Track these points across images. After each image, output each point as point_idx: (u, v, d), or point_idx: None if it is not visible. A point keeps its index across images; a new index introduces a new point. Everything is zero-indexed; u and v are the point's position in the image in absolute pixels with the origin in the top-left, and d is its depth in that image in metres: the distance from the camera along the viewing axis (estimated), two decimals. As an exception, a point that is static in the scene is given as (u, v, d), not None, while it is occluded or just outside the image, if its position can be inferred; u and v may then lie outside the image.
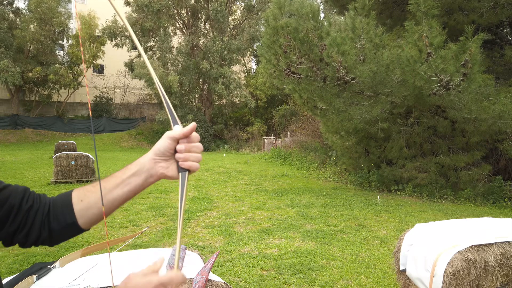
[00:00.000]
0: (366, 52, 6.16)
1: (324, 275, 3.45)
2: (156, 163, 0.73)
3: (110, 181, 0.76)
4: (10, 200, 0.71)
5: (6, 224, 0.70)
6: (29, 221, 0.73)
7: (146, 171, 0.73)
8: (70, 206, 0.75)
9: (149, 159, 0.73)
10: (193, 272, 1.83)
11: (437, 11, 5.41)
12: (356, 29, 6.15)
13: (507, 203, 6.86)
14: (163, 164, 0.73)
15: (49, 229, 0.74)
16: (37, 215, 0.73)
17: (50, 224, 0.74)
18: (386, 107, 6.84)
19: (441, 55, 5.41)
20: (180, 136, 0.70)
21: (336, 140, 9.72)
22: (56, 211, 0.75)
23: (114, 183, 0.75)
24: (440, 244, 2.26)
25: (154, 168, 0.73)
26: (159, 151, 0.72)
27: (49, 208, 0.75)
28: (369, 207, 6.53)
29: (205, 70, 21.16)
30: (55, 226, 0.74)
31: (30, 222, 0.73)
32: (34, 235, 0.73)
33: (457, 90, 5.59)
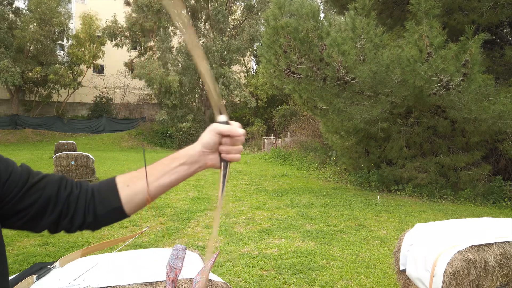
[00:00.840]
0: (366, 52, 6.16)
1: (324, 275, 3.45)
2: (205, 155, 0.78)
3: (157, 168, 0.79)
4: (46, 191, 0.71)
5: (46, 214, 0.71)
6: (71, 207, 0.73)
7: (196, 162, 0.79)
8: (116, 191, 0.76)
9: (198, 151, 0.78)
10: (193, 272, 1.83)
11: (438, 11, 5.41)
12: (356, 29, 6.14)
13: (507, 203, 6.86)
14: (211, 156, 0.79)
15: (94, 214, 0.75)
16: (79, 200, 0.74)
17: (96, 209, 0.75)
18: (386, 107, 6.84)
19: (441, 55, 5.41)
20: (227, 133, 0.75)
21: (336, 140, 9.72)
22: (101, 196, 0.76)
23: (162, 171, 0.78)
24: (440, 244, 2.26)
25: (203, 159, 0.79)
26: (209, 145, 0.77)
27: (93, 193, 0.76)
28: (369, 207, 6.53)
29: (205, 70, 21.17)
30: (100, 211, 0.75)
31: (72, 208, 0.74)
32: (79, 221, 0.74)
33: (457, 90, 5.59)
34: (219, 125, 0.76)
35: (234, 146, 0.77)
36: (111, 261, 1.88)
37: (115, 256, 1.99)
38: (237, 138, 0.76)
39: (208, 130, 0.77)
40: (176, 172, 0.78)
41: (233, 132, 0.75)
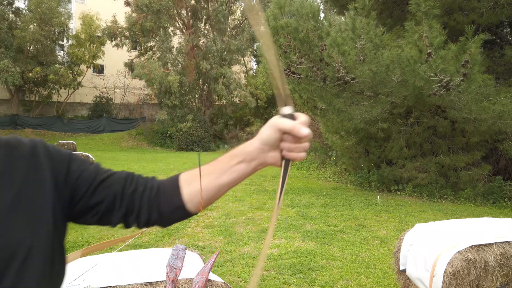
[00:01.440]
0: (366, 52, 6.16)
1: (324, 275, 3.45)
2: (265, 152, 0.71)
3: (217, 167, 0.76)
4: (112, 188, 0.73)
5: (114, 210, 0.74)
6: (136, 204, 0.74)
7: (255, 159, 0.73)
8: (178, 189, 0.76)
9: (256, 148, 0.72)
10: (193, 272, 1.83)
11: (438, 11, 5.41)
12: (356, 29, 6.14)
13: (507, 203, 6.86)
14: (272, 153, 0.71)
15: (158, 211, 0.75)
16: (143, 198, 0.75)
17: (160, 206, 0.75)
18: (386, 107, 6.84)
19: (441, 55, 5.41)
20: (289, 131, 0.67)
21: (336, 140, 9.73)
22: (166, 194, 0.76)
23: (222, 169, 0.75)
24: (440, 244, 2.26)
25: (262, 157, 0.72)
26: (268, 142, 0.70)
27: (158, 190, 0.76)
28: (369, 207, 6.53)
29: (205, 71, 21.17)
30: (164, 208, 0.75)
31: (137, 205, 0.74)
32: (144, 217, 0.75)
33: (457, 90, 5.59)
34: (281, 120, 0.68)
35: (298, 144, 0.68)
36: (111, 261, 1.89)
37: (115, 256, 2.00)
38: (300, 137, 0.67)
39: (268, 125, 0.70)
40: (235, 171, 0.74)
41: (294, 131, 0.66)
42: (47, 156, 0.70)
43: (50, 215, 0.66)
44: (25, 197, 0.64)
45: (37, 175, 0.67)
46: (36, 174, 0.67)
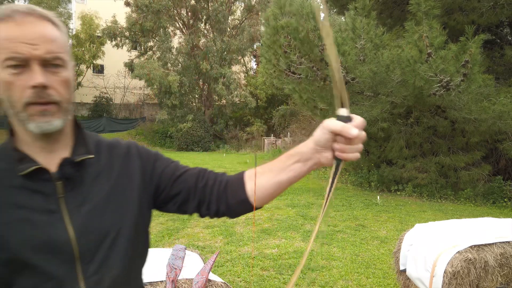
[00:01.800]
0: (366, 52, 6.16)
1: (324, 275, 3.45)
2: (318, 152, 0.74)
3: (276, 165, 0.81)
4: (187, 182, 0.85)
5: (189, 201, 0.85)
6: (206, 196, 0.84)
7: (309, 159, 0.76)
8: (243, 184, 0.83)
9: (311, 148, 0.75)
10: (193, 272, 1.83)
11: (438, 11, 5.40)
12: (356, 29, 6.14)
13: (507, 203, 6.86)
14: (325, 153, 0.74)
15: (226, 203, 0.84)
16: (212, 191, 0.84)
17: (227, 199, 0.84)
18: (386, 107, 6.84)
19: (441, 55, 5.41)
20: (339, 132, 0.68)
21: (336, 140, 9.72)
22: (233, 188, 0.84)
23: (280, 168, 0.79)
24: (440, 244, 2.26)
25: (316, 157, 0.75)
26: (320, 142, 0.73)
27: (226, 184, 0.85)
28: (369, 207, 6.53)
29: (205, 71, 21.16)
30: (231, 201, 0.84)
31: (207, 197, 0.84)
32: (214, 208, 0.85)
33: (457, 90, 5.59)
34: (331, 121, 0.69)
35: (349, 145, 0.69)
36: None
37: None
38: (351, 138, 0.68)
39: (321, 126, 0.72)
40: (292, 170, 0.78)
41: (344, 132, 0.67)
42: (138, 155, 0.86)
43: (136, 204, 0.81)
44: (118, 189, 0.80)
45: (128, 171, 0.83)
46: (128, 170, 0.83)
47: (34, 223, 0.70)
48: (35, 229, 0.70)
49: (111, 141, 0.88)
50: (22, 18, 0.67)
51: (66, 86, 0.72)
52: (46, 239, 0.70)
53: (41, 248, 0.69)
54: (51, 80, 0.68)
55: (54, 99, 0.69)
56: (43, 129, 0.70)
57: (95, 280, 0.72)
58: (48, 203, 0.72)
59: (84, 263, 0.72)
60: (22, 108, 0.68)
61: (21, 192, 0.71)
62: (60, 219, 0.72)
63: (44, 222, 0.71)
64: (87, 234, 0.73)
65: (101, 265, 0.73)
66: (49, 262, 0.69)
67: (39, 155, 0.74)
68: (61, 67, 0.71)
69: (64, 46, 0.73)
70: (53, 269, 0.69)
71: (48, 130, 0.70)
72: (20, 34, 0.66)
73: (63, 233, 0.71)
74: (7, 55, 0.66)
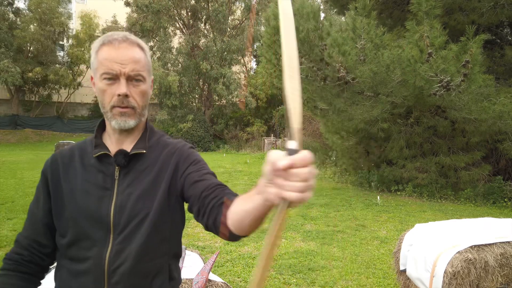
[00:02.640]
0: (367, 52, 6.15)
1: (324, 275, 3.45)
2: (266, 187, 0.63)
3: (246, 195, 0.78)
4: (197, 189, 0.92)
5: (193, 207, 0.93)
6: (203, 207, 0.90)
7: (262, 193, 0.67)
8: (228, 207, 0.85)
9: (262, 181, 0.66)
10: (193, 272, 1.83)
11: (439, 11, 5.40)
12: (357, 29, 6.14)
13: (507, 203, 6.85)
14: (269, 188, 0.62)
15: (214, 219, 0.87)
16: (209, 204, 0.89)
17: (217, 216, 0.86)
18: (386, 107, 6.83)
19: (442, 55, 5.41)
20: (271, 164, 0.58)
21: (336, 140, 9.72)
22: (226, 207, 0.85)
23: (247, 197, 0.76)
24: (440, 244, 2.26)
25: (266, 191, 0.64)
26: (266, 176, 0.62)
27: (222, 203, 0.87)
28: (369, 207, 6.53)
29: (205, 71, 21.16)
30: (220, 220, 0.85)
31: (204, 208, 0.90)
32: (205, 220, 0.90)
33: (458, 90, 5.59)
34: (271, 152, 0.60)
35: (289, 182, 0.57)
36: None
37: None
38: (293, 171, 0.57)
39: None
40: (253, 201, 0.72)
41: (274, 165, 0.57)
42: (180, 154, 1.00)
43: (165, 194, 0.95)
44: (156, 182, 0.96)
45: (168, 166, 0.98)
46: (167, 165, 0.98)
47: (91, 195, 0.94)
48: (90, 199, 0.94)
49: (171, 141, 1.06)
50: (118, 44, 0.92)
51: (142, 96, 0.96)
52: (94, 209, 0.93)
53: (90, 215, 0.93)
54: (132, 91, 0.93)
55: (132, 105, 0.94)
56: (121, 126, 0.94)
57: (118, 248, 0.91)
58: (105, 182, 0.95)
59: (115, 234, 0.92)
60: (109, 109, 0.93)
61: (91, 170, 0.97)
62: (110, 196, 0.94)
63: (98, 196, 0.94)
64: (121, 213, 0.92)
65: (126, 238, 0.92)
66: (92, 226, 0.92)
67: (113, 145, 0.99)
68: (141, 81, 0.95)
69: (146, 65, 0.96)
70: (93, 232, 0.92)
71: (124, 127, 0.95)
72: (115, 56, 0.91)
73: (107, 207, 0.93)
74: (104, 71, 0.91)
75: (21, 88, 23.69)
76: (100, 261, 0.90)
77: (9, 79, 20.14)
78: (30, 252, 0.97)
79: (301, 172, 0.57)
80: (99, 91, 0.94)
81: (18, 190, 7.46)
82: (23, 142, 22.00)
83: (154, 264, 0.95)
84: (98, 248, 0.91)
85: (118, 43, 0.92)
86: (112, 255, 0.91)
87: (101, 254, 0.91)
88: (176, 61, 22.53)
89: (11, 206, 6.05)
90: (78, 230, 0.93)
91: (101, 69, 0.92)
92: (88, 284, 0.91)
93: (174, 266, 1.02)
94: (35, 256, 0.97)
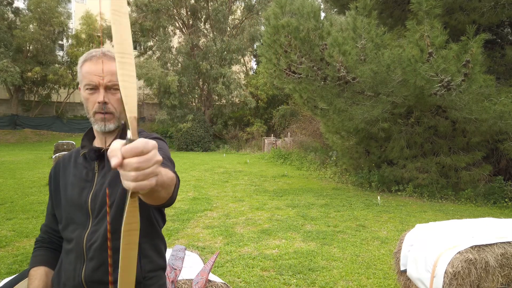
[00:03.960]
0: (367, 52, 6.14)
1: (324, 275, 3.44)
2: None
3: None
4: None
5: None
6: None
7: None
8: None
9: None
10: (193, 272, 1.82)
11: (439, 11, 5.39)
12: (357, 28, 6.13)
13: (507, 203, 6.84)
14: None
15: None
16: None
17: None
18: (387, 107, 6.83)
19: (443, 55, 5.40)
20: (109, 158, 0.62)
21: (336, 140, 9.71)
22: None
23: None
24: (440, 244, 2.25)
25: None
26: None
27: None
28: (370, 208, 6.52)
29: (205, 70, 21.14)
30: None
31: None
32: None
33: (458, 90, 5.58)
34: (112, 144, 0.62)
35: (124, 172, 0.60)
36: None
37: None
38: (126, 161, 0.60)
39: None
40: None
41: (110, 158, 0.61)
42: None
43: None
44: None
45: None
46: None
47: (76, 186, 1.14)
48: (75, 190, 1.14)
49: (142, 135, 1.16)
50: (96, 59, 1.10)
51: (120, 103, 1.09)
52: (77, 198, 1.12)
53: (75, 204, 1.12)
54: (110, 98, 1.10)
55: (110, 110, 1.10)
56: (102, 129, 1.11)
57: (93, 229, 1.09)
58: (88, 175, 1.15)
59: (93, 218, 1.10)
60: (92, 114, 1.11)
61: (79, 166, 1.18)
62: (90, 187, 1.13)
63: (81, 187, 1.13)
64: (96, 200, 1.10)
65: (99, 221, 1.09)
66: (76, 212, 1.12)
67: (98, 145, 1.17)
68: (118, 90, 1.06)
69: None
70: (77, 217, 1.12)
71: (105, 130, 1.11)
72: (94, 69, 1.09)
73: (86, 196, 1.11)
74: (86, 82, 1.10)
75: (20, 88, 23.67)
76: (80, 241, 1.09)
77: (9, 79, 20.12)
78: (48, 236, 1.27)
79: (130, 162, 0.59)
80: (84, 99, 1.12)
81: (18, 190, 7.45)
82: (23, 142, 21.99)
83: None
84: (80, 230, 1.10)
85: (96, 59, 1.10)
86: (89, 235, 1.09)
87: (81, 235, 1.10)
88: (176, 60, 22.52)
89: (11, 206, 6.04)
90: (67, 216, 1.14)
91: (84, 81, 1.10)
92: (73, 260, 1.11)
93: (149, 245, 1.15)
94: (52, 238, 1.26)
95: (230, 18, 23.76)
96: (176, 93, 20.82)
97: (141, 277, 1.11)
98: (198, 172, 11.18)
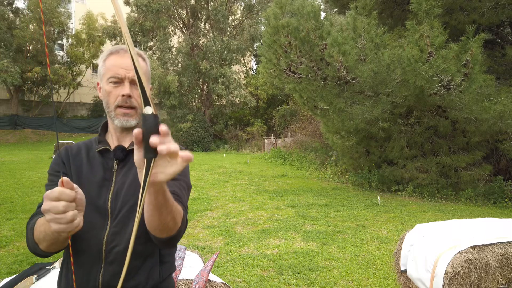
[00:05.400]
0: (367, 52, 6.14)
1: (324, 275, 3.44)
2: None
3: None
4: None
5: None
6: None
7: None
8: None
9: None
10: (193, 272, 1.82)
11: (439, 11, 5.39)
12: (357, 28, 6.13)
13: (507, 203, 6.85)
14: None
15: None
16: None
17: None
18: (387, 107, 6.83)
19: (442, 55, 5.40)
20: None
21: (336, 140, 9.71)
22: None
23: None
24: (440, 244, 2.25)
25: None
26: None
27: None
28: (370, 208, 6.52)
29: (205, 70, 21.13)
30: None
31: None
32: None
33: (458, 90, 5.58)
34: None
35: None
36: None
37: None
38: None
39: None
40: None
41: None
42: None
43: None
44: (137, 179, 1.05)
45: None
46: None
47: (92, 183, 1.07)
48: (91, 187, 1.06)
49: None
50: (123, 53, 1.07)
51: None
52: (94, 196, 1.05)
53: (92, 202, 1.03)
54: (134, 93, 1.05)
55: (134, 105, 1.06)
56: (123, 125, 1.06)
57: (114, 231, 1.03)
58: (105, 173, 1.09)
59: (111, 219, 1.04)
60: (113, 108, 1.06)
61: (94, 162, 1.11)
62: (108, 186, 1.07)
63: (98, 185, 1.07)
64: (117, 200, 1.05)
65: (120, 222, 1.03)
66: (91, 211, 1.02)
67: (114, 142, 1.12)
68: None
69: (146, 73, 1.10)
70: (93, 216, 1.03)
71: (125, 126, 1.07)
72: (121, 63, 1.06)
73: (106, 196, 1.06)
74: (111, 75, 1.05)
75: (20, 88, 23.67)
76: (98, 242, 1.03)
77: (9, 79, 20.12)
78: None
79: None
80: (105, 93, 1.07)
81: (18, 190, 7.45)
82: (23, 142, 21.99)
83: (145, 248, 1.04)
84: (96, 231, 1.03)
85: (123, 52, 1.08)
86: (109, 237, 1.03)
87: (100, 236, 1.03)
88: (176, 60, 22.52)
89: (11, 206, 6.04)
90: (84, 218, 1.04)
91: (108, 74, 1.06)
92: (86, 262, 1.04)
93: (167, 252, 1.14)
94: None
95: (230, 18, 23.75)
96: (176, 93, 20.81)
97: (159, 282, 1.09)
98: (198, 172, 11.18)
